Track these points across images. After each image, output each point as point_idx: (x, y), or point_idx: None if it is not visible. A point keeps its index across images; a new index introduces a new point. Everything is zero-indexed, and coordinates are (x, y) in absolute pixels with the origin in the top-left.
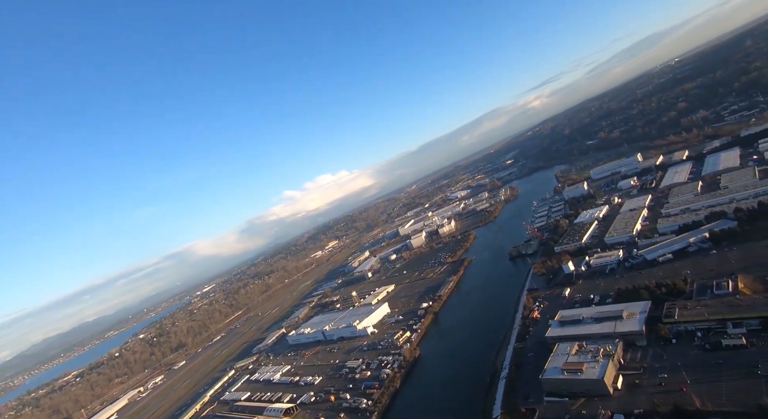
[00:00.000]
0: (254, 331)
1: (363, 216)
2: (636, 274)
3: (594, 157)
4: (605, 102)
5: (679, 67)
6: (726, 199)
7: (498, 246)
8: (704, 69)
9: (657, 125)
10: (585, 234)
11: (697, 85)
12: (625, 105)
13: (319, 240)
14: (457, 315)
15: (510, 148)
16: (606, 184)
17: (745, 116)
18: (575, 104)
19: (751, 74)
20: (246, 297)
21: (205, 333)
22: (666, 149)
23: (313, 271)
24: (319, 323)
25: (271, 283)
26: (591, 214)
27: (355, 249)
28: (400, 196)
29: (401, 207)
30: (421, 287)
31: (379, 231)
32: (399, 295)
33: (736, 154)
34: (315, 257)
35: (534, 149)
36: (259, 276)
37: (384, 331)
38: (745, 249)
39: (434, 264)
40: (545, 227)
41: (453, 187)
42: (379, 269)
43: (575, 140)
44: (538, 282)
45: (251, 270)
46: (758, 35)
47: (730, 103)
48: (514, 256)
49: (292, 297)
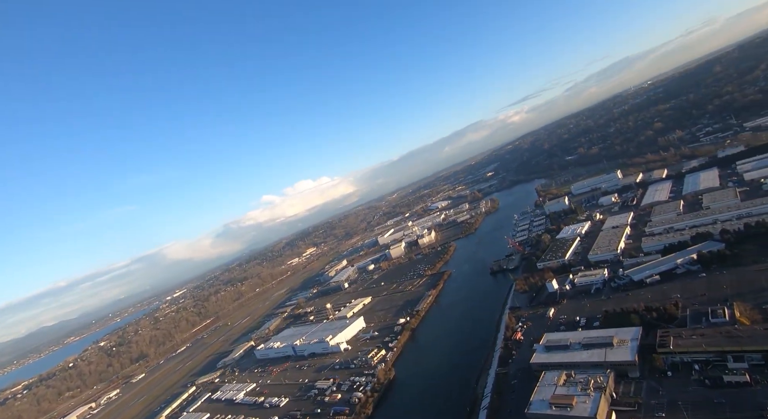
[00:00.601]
0: (221, 343)
1: (342, 224)
2: (623, 296)
3: (574, 172)
4: (582, 119)
5: (652, 89)
6: (709, 220)
7: (479, 260)
8: (677, 91)
9: (635, 143)
10: (568, 251)
11: (672, 106)
12: (603, 123)
13: (297, 246)
14: (435, 332)
15: (491, 160)
16: (587, 200)
17: (720, 138)
18: (553, 121)
19: (723, 97)
20: (216, 305)
21: (170, 343)
22: (645, 167)
23: (288, 279)
24: (290, 337)
25: (244, 291)
26: (573, 230)
27: (333, 258)
28: (381, 204)
29: (381, 215)
30: (398, 300)
31: (358, 239)
32: (375, 308)
33: (715, 175)
34: (291, 264)
35: (514, 162)
36: (232, 282)
37: (358, 348)
38: (736, 274)
39: (413, 276)
40: (527, 241)
41: (434, 198)
42: (357, 279)
43: (555, 155)
44: (520, 299)
45: (225, 276)
46: (726, 62)
47: (704, 124)
48: (495, 271)
49: (264, 307)
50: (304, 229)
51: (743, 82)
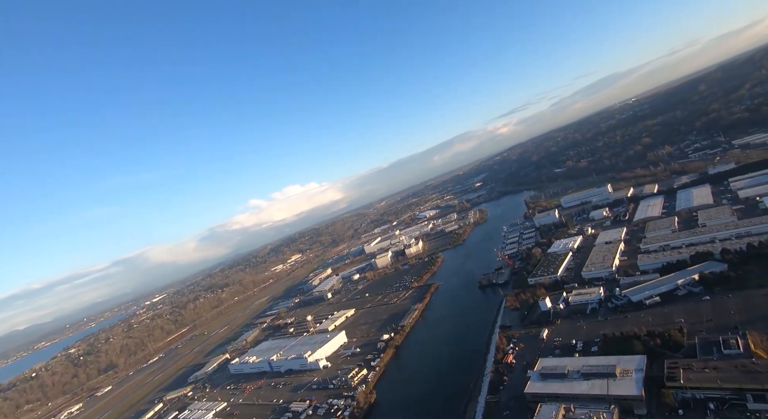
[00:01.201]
0: (196, 354)
1: (329, 231)
2: (621, 318)
3: (563, 185)
4: (570, 133)
5: (638, 106)
6: (707, 238)
7: (467, 272)
8: (663, 108)
9: (623, 158)
10: (560, 266)
11: (659, 122)
12: (591, 137)
13: (282, 252)
14: (420, 351)
15: (479, 170)
16: (577, 213)
17: (709, 154)
18: (540, 133)
19: (710, 115)
20: (194, 313)
21: (141, 352)
22: (635, 181)
23: (271, 287)
24: (266, 350)
25: (224, 298)
26: (565, 244)
27: (317, 265)
28: (369, 211)
29: (369, 223)
30: (383, 313)
31: (344, 247)
32: (358, 322)
33: (708, 191)
34: (275, 271)
35: (502, 173)
36: (212, 288)
37: (338, 365)
38: (743, 298)
39: (399, 287)
40: (517, 255)
41: (422, 206)
42: (341, 289)
43: (543, 167)
44: (511, 317)
45: (206, 281)
46: (710, 81)
47: (692, 140)
48: (485, 285)
49: (243, 316)
50: (290, 235)
51: (729, 101)
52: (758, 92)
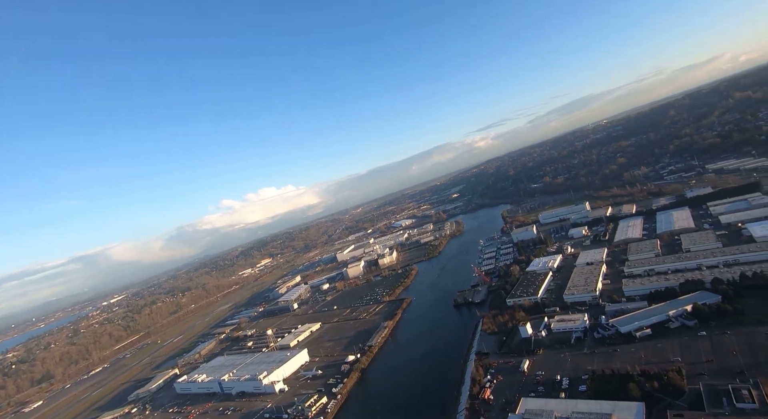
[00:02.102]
0: (143, 366)
1: (303, 235)
2: (610, 351)
3: (540, 200)
4: (546, 149)
5: (611, 127)
6: (693, 264)
7: (441, 287)
8: (636, 130)
9: (600, 176)
10: (540, 287)
11: (633, 143)
12: (567, 154)
13: (252, 256)
14: (388, 377)
15: (456, 182)
16: (556, 230)
17: (684, 177)
18: (517, 149)
19: (683, 139)
20: (149, 318)
21: (84, 362)
22: (612, 201)
23: (236, 293)
24: (219, 368)
25: (184, 303)
26: (544, 263)
27: (287, 271)
28: (345, 217)
29: (344, 229)
30: (350, 330)
31: (316, 253)
32: (323, 338)
33: (688, 214)
34: (243, 275)
35: (480, 186)
36: (173, 292)
37: (296, 390)
38: (744, 336)
39: (369, 301)
40: (494, 271)
41: (398, 215)
42: (308, 299)
43: (520, 181)
44: (488, 343)
45: (168, 283)
46: (679, 107)
47: (666, 162)
48: (460, 303)
49: (202, 324)
50: (262, 238)
51: (700, 127)
52: (727, 119)
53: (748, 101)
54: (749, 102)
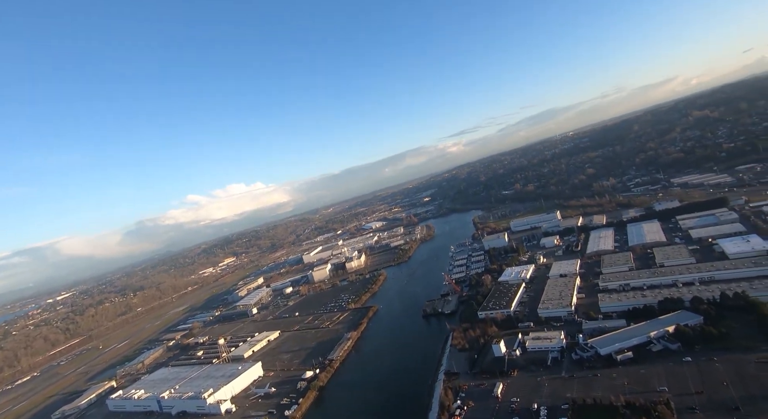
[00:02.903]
0: (78, 376)
1: (270, 234)
2: (590, 376)
3: (511, 207)
4: (516, 157)
5: (578, 139)
6: (669, 280)
7: (410, 295)
8: (602, 142)
9: (569, 185)
10: (513, 300)
11: (600, 155)
12: (537, 163)
13: (215, 254)
14: (349, 397)
15: (428, 185)
16: (527, 239)
17: (650, 190)
18: (487, 156)
19: (648, 152)
20: (93, 320)
21: (10, 369)
22: (583, 210)
23: (193, 293)
24: (161, 382)
25: (135, 304)
26: (517, 273)
27: (250, 272)
28: (315, 217)
29: (313, 230)
30: (311, 340)
31: (283, 253)
32: (281, 348)
33: (658, 227)
34: (203, 275)
35: (451, 190)
36: (125, 291)
37: (245, 410)
38: (732, 364)
39: (334, 308)
40: (465, 280)
41: (369, 217)
42: (269, 304)
43: (492, 188)
44: (458, 360)
45: (121, 281)
46: (642, 123)
47: (633, 175)
48: (429, 314)
49: (152, 328)
50: (227, 236)
51: (663, 141)
52: (689, 136)
53: (706, 120)
54: (708, 121)
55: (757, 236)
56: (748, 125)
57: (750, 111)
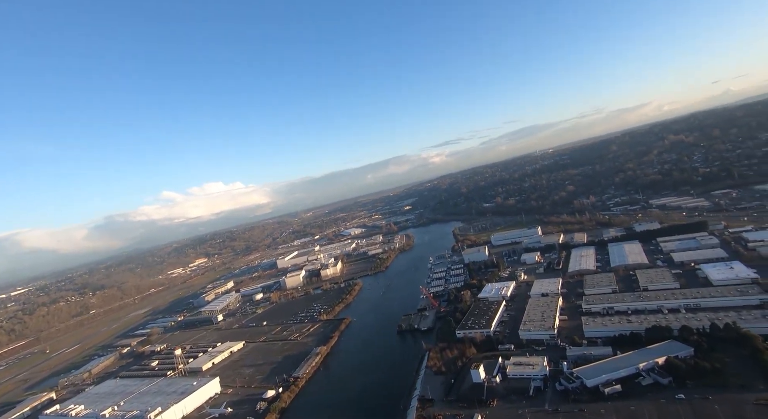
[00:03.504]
0: (15, 384)
1: (245, 236)
2: (576, 411)
3: (492, 221)
4: (497, 171)
5: (558, 155)
6: (654, 305)
7: (385, 308)
8: (582, 161)
9: (550, 201)
10: (493, 319)
11: (580, 173)
12: (518, 177)
13: (186, 254)
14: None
15: (410, 194)
16: (508, 254)
17: (629, 209)
18: (469, 167)
19: (627, 173)
20: (44, 321)
21: None
22: (563, 227)
23: (158, 295)
24: (106, 396)
25: (93, 304)
26: (497, 290)
27: (221, 275)
28: (294, 220)
29: (290, 233)
30: (277, 353)
31: (257, 256)
32: (244, 361)
33: (640, 249)
34: (171, 275)
35: (432, 200)
36: (85, 289)
37: None
38: (730, 405)
39: (305, 318)
40: (443, 294)
41: (349, 223)
42: (237, 310)
43: (473, 200)
44: (434, 385)
45: (83, 278)
46: (620, 144)
47: (612, 194)
48: (405, 330)
49: (108, 332)
50: (201, 235)
51: (641, 163)
52: (665, 159)
53: (681, 144)
54: (683, 145)
55: (740, 263)
56: (722, 151)
57: (723, 138)
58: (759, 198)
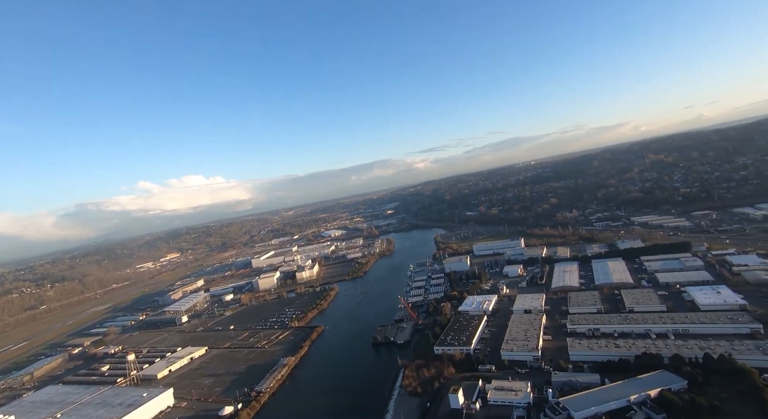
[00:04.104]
0: None
1: (222, 232)
2: None
3: (474, 229)
4: (481, 180)
5: (540, 168)
6: (641, 329)
7: (361, 317)
8: (564, 174)
9: (533, 213)
10: (474, 335)
11: (562, 186)
12: (501, 187)
13: (158, 248)
14: None
15: (393, 198)
16: (490, 265)
17: (612, 226)
18: (453, 175)
19: (608, 188)
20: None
21: None
22: (546, 241)
23: (122, 290)
24: (42, 405)
25: (50, 297)
26: (479, 304)
27: (192, 272)
28: (274, 218)
29: (269, 232)
30: (242, 362)
31: (232, 254)
32: (205, 371)
33: (624, 267)
34: (139, 270)
35: (415, 206)
36: (43, 281)
37: None
38: None
39: (275, 323)
40: (422, 305)
41: (330, 224)
42: (204, 312)
43: (456, 207)
44: (408, 408)
45: (43, 268)
46: (601, 160)
47: (594, 209)
48: (380, 342)
49: (61, 329)
50: (177, 229)
51: (623, 180)
52: (646, 177)
53: (662, 163)
54: (663, 164)
55: (726, 288)
56: (701, 173)
57: (702, 160)
58: (738, 220)
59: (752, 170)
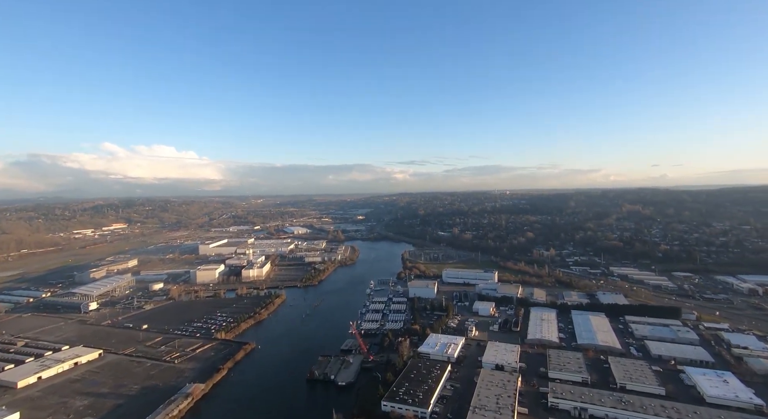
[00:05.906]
0: None
1: (181, 209)
2: None
3: (445, 252)
4: (457, 200)
5: (516, 199)
6: (638, 418)
7: (303, 337)
8: (541, 209)
9: (508, 245)
10: (434, 392)
11: (539, 221)
12: (477, 211)
13: (104, 215)
14: None
15: (366, 204)
16: (459, 297)
17: (590, 273)
18: (430, 191)
19: (587, 232)
20: None
21: None
22: (522, 278)
23: (42, 256)
24: None
25: None
26: (443, 346)
27: (131, 248)
28: (241, 204)
29: (230, 217)
30: (138, 380)
31: (183, 235)
32: (84, 385)
33: (608, 326)
34: (75, 236)
35: (388, 215)
36: None
37: None
38: None
39: (198, 330)
40: (377, 335)
41: (295, 220)
42: (120, 300)
43: (429, 224)
44: None
45: None
46: (577, 201)
47: (571, 251)
48: (317, 379)
49: None
50: (132, 197)
51: (600, 225)
52: (625, 226)
53: (639, 215)
54: (640, 216)
55: (733, 376)
56: (681, 232)
57: (679, 218)
58: (723, 290)
59: (732, 238)
